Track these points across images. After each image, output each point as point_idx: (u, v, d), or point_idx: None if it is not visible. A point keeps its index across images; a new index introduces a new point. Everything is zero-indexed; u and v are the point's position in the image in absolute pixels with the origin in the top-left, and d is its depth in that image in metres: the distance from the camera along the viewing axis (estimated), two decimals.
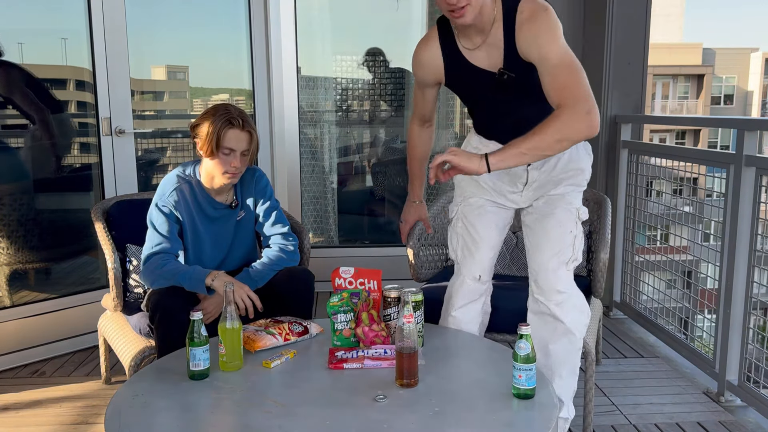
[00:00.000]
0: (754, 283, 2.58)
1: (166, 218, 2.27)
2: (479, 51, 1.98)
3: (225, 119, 2.16)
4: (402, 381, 1.68)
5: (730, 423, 2.49)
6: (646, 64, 3.67)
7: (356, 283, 2.07)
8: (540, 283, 2.06)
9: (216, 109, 2.20)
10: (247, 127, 2.21)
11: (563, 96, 1.79)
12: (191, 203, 2.31)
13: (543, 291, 2.05)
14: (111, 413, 1.59)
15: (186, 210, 2.30)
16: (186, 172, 2.33)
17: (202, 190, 2.33)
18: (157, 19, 3.59)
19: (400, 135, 4.45)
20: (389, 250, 4.06)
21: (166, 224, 2.27)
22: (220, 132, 2.15)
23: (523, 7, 1.89)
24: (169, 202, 2.27)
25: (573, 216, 2.09)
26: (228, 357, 1.81)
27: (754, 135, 2.59)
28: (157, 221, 2.28)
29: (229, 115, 2.17)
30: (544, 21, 1.85)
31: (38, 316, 3.10)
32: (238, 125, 2.18)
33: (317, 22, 4.18)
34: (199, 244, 2.36)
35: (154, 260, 2.24)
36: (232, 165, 2.20)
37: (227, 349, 1.81)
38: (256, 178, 2.40)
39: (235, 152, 2.19)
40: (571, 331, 2.04)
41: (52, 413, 2.58)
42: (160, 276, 2.21)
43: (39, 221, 3.23)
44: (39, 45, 3.18)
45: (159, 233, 2.27)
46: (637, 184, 3.50)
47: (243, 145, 2.20)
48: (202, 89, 3.99)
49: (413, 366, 1.68)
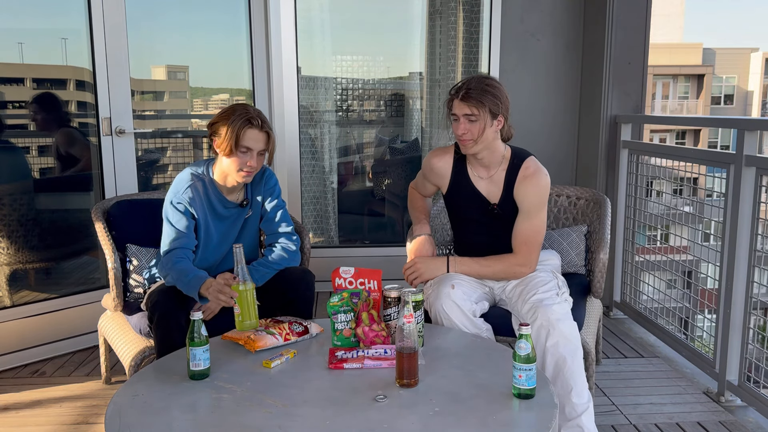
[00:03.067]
0: (754, 283, 2.58)
1: (181, 215, 2.29)
2: (482, 180, 2.33)
3: (244, 119, 2.20)
4: (402, 381, 1.68)
5: (730, 423, 2.49)
6: (646, 64, 3.67)
7: (356, 283, 2.07)
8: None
9: (235, 109, 2.24)
10: (266, 127, 2.26)
11: (520, 248, 2.28)
12: (204, 201, 2.34)
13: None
14: (111, 413, 1.59)
15: (200, 207, 2.33)
16: (199, 170, 2.36)
17: (215, 188, 2.35)
18: (157, 19, 3.59)
19: (401, 135, 4.45)
20: (389, 250, 4.06)
21: (182, 221, 2.29)
22: (239, 131, 2.19)
23: (529, 164, 2.27)
24: (184, 199, 2.29)
25: (549, 273, 2.33)
26: (243, 316, 1.91)
27: (754, 135, 2.58)
28: (173, 218, 2.29)
29: (248, 114, 2.22)
30: (543, 185, 2.26)
31: (38, 316, 3.10)
32: (257, 125, 2.22)
33: (317, 22, 4.18)
34: (208, 241, 2.37)
35: (170, 256, 2.26)
36: (248, 164, 2.23)
37: (241, 309, 1.90)
38: (266, 177, 2.43)
39: (252, 151, 2.23)
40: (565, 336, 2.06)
41: (52, 413, 2.58)
42: (171, 271, 2.23)
43: (39, 221, 3.23)
44: (39, 45, 3.18)
45: (175, 228, 2.28)
46: (637, 184, 3.50)
47: (260, 145, 2.24)
48: (202, 89, 3.99)
49: (413, 366, 1.68)
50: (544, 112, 4.04)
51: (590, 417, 2.06)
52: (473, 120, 2.18)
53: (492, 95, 2.16)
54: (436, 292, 2.21)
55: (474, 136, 2.19)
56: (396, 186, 4.47)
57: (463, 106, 2.18)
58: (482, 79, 2.20)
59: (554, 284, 2.24)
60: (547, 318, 2.05)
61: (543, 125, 4.03)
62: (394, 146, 4.48)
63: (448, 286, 2.20)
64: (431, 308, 2.21)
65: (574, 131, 4.06)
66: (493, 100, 2.16)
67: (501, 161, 2.30)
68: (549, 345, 2.04)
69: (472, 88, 2.16)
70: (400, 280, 2.34)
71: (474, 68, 4.14)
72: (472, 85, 2.17)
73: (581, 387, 2.05)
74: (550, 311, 2.06)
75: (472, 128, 2.18)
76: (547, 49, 3.99)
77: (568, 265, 2.66)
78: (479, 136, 2.19)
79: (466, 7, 4.09)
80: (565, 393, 2.03)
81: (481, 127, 2.18)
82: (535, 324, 2.07)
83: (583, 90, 3.99)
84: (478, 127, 2.18)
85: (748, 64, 27.65)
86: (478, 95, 2.15)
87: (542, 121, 4.03)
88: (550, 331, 2.04)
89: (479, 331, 2.19)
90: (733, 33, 67.02)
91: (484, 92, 2.16)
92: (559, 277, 2.33)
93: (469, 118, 2.18)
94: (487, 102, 2.15)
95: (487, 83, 2.18)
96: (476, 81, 2.19)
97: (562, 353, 2.03)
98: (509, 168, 2.29)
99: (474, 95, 2.15)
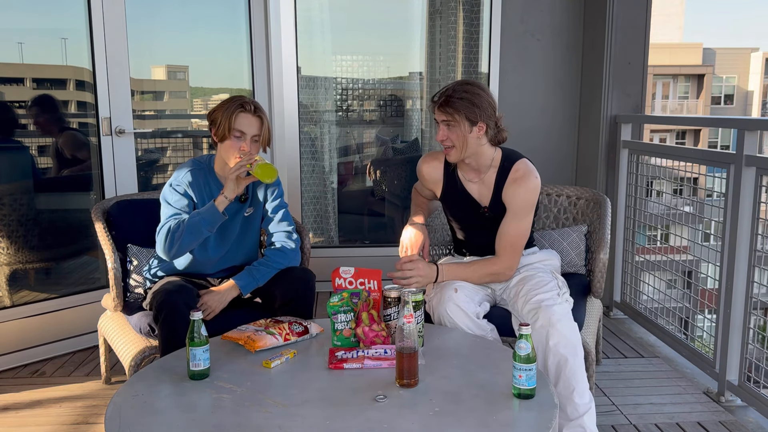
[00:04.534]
0: (754, 283, 2.58)
1: (180, 196, 2.33)
2: (473, 184, 2.34)
3: (237, 104, 2.28)
4: (402, 381, 1.68)
5: (730, 423, 2.49)
6: (646, 64, 3.67)
7: (356, 283, 2.07)
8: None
9: (232, 98, 2.33)
10: (259, 112, 2.31)
11: (505, 250, 2.27)
12: (203, 187, 2.37)
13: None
14: (111, 413, 1.59)
15: (198, 192, 2.36)
16: (201, 160, 2.42)
17: (215, 179, 2.39)
18: (157, 19, 3.59)
19: (401, 135, 4.45)
20: (389, 250, 4.05)
21: (181, 201, 2.33)
22: (232, 115, 2.26)
23: (519, 167, 2.26)
24: (184, 182, 2.34)
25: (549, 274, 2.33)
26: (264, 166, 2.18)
27: (754, 135, 2.58)
28: (171, 198, 2.33)
29: (242, 100, 2.30)
30: (532, 187, 2.24)
31: (38, 316, 3.10)
32: (250, 110, 2.29)
33: (317, 21, 4.18)
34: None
35: (169, 223, 2.28)
36: (241, 148, 2.27)
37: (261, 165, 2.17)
38: None
39: (246, 135, 2.28)
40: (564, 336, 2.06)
41: (52, 413, 2.58)
42: (182, 226, 2.25)
43: (39, 221, 3.23)
44: (39, 45, 3.18)
45: (173, 207, 2.32)
46: (637, 184, 3.50)
47: (254, 129, 2.29)
48: (202, 89, 3.99)
49: (413, 366, 1.68)
50: (544, 112, 4.04)
51: (592, 418, 2.06)
52: (451, 126, 2.18)
53: (469, 102, 2.15)
54: (439, 296, 2.21)
55: (453, 143, 2.20)
56: (396, 186, 4.47)
57: (440, 113, 2.19)
58: (463, 85, 2.20)
59: (554, 284, 2.24)
60: (548, 319, 2.05)
61: (543, 125, 4.03)
62: (394, 146, 4.48)
63: (450, 290, 2.20)
64: (434, 312, 2.21)
65: (574, 131, 4.06)
66: (469, 107, 2.15)
67: (491, 164, 2.30)
68: (550, 345, 2.04)
69: (450, 94, 2.17)
70: None
71: (474, 68, 4.14)
72: (450, 92, 2.17)
73: (583, 387, 2.06)
74: (551, 312, 2.06)
75: (450, 134, 2.19)
76: (547, 49, 3.99)
77: (568, 265, 2.66)
78: (461, 143, 2.19)
79: (466, 7, 4.09)
80: (568, 393, 2.04)
81: (460, 134, 2.18)
82: (536, 325, 2.07)
83: (583, 90, 3.99)
84: (456, 134, 2.18)
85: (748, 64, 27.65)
86: (454, 102, 2.15)
87: (542, 121, 4.03)
88: (551, 332, 2.04)
89: (485, 333, 2.19)
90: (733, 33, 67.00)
91: (461, 99, 2.15)
92: (559, 278, 2.33)
93: (447, 124, 2.19)
94: (463, 109, 2.15)
95: (466, 89, 2.17)
96: (456, 87, 2.19)
97: (564, 353, 2.03)
98: (500, 171, 2.29)
99: (450, 102, 2.16)
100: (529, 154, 2.39)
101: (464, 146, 2.20)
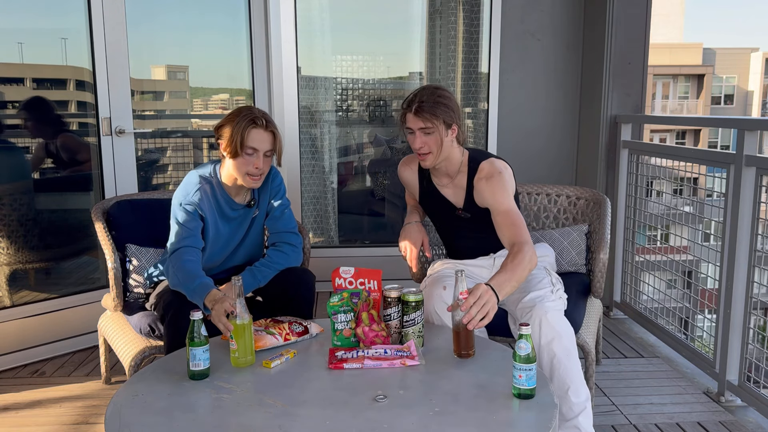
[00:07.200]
0: (754, 283, 2.58)
1: (191, 216, 2.27)
2: (447, 188, 2.38)
3: (249, 119, 2.18)
4: (461, 352, 1.83)
5: (730, 423, 2.49)
6: (646, 64, 3.67)
7: (356, 283, 2.07)
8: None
9: (240, 111, 2.23)
10: (271, 127, 2.23)
11: (515, 233, 2.13)
12: (212, 203, 2.32)
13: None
14: (111, 413, 1.59)
15: (209, 209, 2.32)
16: (206, 173, 2.34)
17: (222, 190, 2.34)
18: (157, 18, 3.59)
19: (401, 135, 4.45)
20: (389, 250, 4.06)
21: (191, 221, 2.27)
22: (243, 132, 2.17)
23: (483, 167, 2.28)
24: (194, 201, 2.27)
25: (543, 271, 2.32)
26: (240, 353, 1.83)
27: (754, 135, 2.58)
28: (182, 218, 2.27)
29: (253, 115, 2.20)
30: (498, 181, 2.23)
31: (38, 316, 3.10)
32: (262, 125, 2.20)
33: (317, 22, 4.18)
34: (216, 241, 2.37)
35: (178, 254, 2.22)
36: (254, 166, 2.21)
37: (238, 344, 1.82)
38: (272, 176, 2.42)
39: (258, 152, 2.21)
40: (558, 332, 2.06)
41: (52, 413, 2.58)
42: (179, 272, 2.18)
43: (39, 221, 3.23)
44: (39, 45, 3.18)
45: (184, 227, 2.26)
46: (637, 184, 3.50)
47: (266, 145, 2.22)
48: (202, 89, 3.99)
49: (471, 337, 1.83)
50: (544, 112, 4.04)
51: (588, 417, 2.06)
52: (429, 132, 2.18)
53: (444, 106, 2.17)
54: (429, 292, 2.24)
55: (431, 149, 2.20)
56: (396, 186, 4.46)
57: (417, 120, 2.18)
58: (434, 90, 2.20)
59: (548, 281, 2.24)
60: (542, 316, 2.05)
61: (543, 125, 4.03)
62: (394, 146, 4.48)
63: (439, 288, 2.23)
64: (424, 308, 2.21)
65: (574, 131, 4.06)
66: (446, 111, 2.17)
67: (459, 168, 2.32)
68: (544, 343, 2.03)
69: (424, 101, 2.16)
70: (400, 280, 2.34)
71: (474, 68, 4.14)
72: (424, 98, 2.17)
73: (578, 385, 2.05)
74: (545, 309, 2.06)
75: (428, 141, 2.19)
76: (547, 49, 3.99)
77: (568, 265, 2.66)
78: (437, 148, 2.20)
79: (466, 7, 4.09)
80: (562, 392, 2.03)
81: (437, 139, 2.19)
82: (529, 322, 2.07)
83: (583, 90, 3.99)
84: (434, 140, 2.19)
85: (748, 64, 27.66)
86: (431, 108, 2.15)
87: (542, 121, 4.03)
88: (544, 330, 2.04)
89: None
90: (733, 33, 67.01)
91: (437, 104, 2.16)
92: (553, 275, 2.34)
93: (425, 131, 2.18)
94: (441, 114, 2.16)
95: (439, 94, 2.19)
96: (428, 93, 2.19)
97: (557, 351, 2.03)
98: (469, 172, 2.31)
99: (427, 108, 2.15)
100: (529, 153, 2.39)
101: (440, 151, 2.22)
